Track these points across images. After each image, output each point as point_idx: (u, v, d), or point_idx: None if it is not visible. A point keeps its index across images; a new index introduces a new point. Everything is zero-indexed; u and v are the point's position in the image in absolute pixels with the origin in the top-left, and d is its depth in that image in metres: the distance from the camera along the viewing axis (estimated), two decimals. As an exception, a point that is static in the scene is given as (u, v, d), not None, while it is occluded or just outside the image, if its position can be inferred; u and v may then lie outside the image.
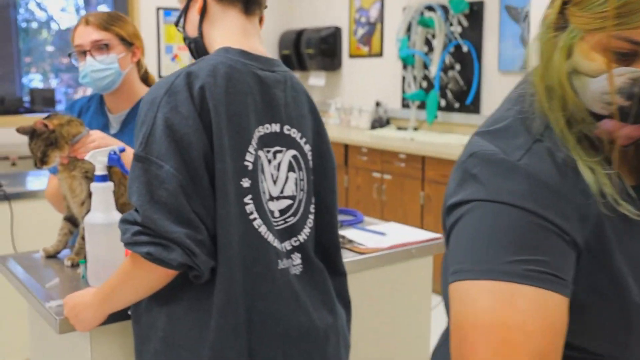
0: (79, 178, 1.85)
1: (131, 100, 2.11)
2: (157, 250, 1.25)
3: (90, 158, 1.65)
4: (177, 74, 1.33)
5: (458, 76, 4.97)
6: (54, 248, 1.94)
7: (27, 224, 2.99)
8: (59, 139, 1.81)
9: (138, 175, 1.27)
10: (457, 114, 5.08)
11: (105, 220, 1.64)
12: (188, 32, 1.51)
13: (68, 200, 1.91)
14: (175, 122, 1.27)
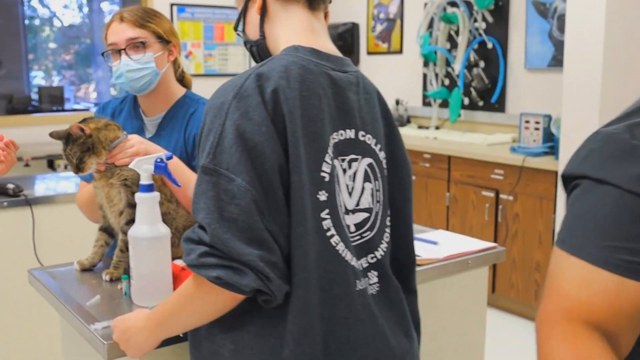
0: (118, 186, 1.72)
1: (168, 102, 1.98)
2: (227, 274, 1.12)
3: (134, 166, 1.53)
4: (246, 76, 1.20)
5: (482, 73, 4.84)
6: (89, 261, 1.81)
7: (49, 231, 2.86)
8: (96, 144, 1.68)
9: (205, 189, 1.14)
10: (481, 113, 4.95)
11: (151, 233, 1.51)
12: (249, 35, 1.39)
13: (105, 209, 1.78)
14: (247, 130, 1.15)
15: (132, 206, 1.71)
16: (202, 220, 1.13)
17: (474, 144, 4.55)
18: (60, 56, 7.73)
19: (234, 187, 1.12)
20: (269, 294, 1.15)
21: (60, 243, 2.87)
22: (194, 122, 1.94)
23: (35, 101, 6.91)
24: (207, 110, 1.21)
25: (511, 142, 4.62)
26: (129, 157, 1.72)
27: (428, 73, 5.25)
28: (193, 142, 1.93)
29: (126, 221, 1.72)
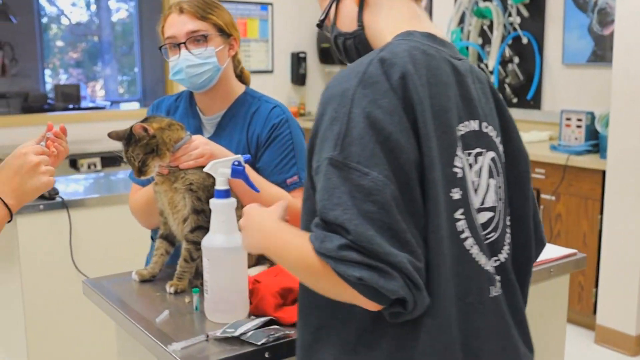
0: (182, 191, 1.59)
1: (227, 99, 1.85)
2: (371, 276, 0.96)
3: (209, 169, 1.40)
4: (367, 62, 1.07)
5: (517, 69, 4.69)
6: (149, 271, 1.68)
7: (87, 236, 2.74)
8: (159, 145, 1.55)
9: (337, 184, 1.00)
10: (516, 110, 4.80)
11: (228, 243, 1.38)
12: (341, 27, 1.25)
13: (166, 216, 1.66)
14: (379, 119, 1.01)
15: (197, 212, 1.58)
16: (340, 217, 0.98)
17: (510, 142, 4.40)
18: (67, 54, 7.63)
19: (368, 182, 0.99)
20: (410, 305, 1.00)
21: (97, 248, 2.75)
22: (257, 121, 1.81)
23: (51, 99, 6.80)
24: (328, 99, 1.07)
25: (548, 140, 4.48)
26: (193, 159, 1.59)
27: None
28: (257, 142, 1.80)
29: (191, 228, 1.60)
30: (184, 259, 1.61)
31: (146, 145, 1.54)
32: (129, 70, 7.42)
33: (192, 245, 1.60)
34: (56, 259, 2.67)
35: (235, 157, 1.40)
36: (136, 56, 6.98)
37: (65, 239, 2.67)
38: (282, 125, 1.80)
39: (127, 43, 7.32)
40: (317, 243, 0.99)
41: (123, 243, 2.78)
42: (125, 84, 7.45)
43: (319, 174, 1.03)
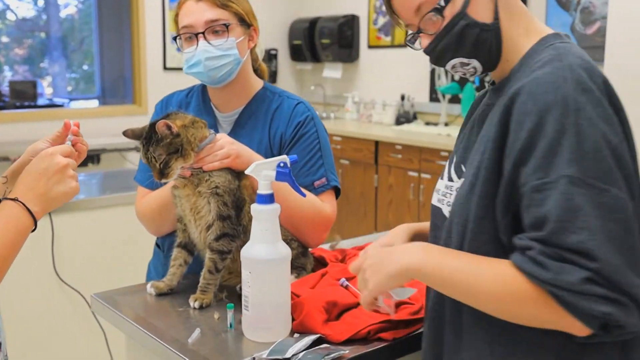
0: (206, 195, 1.44)
1: (246, 95, 1.71)
2: (615, 310, 0.90)
3: (252, 172, 1.25)
4: (567, 67, 0.98)
5: (498, 68, 4.64)
6: (167, 284, 1.53)
7: (70, 242, 2.54)
8: (184, 145, 1.40)
9: (580, 205, 0.92)
10: (495, 109, 4.76)
11: (273, 253, 1.24)
12: (475, 16, 1.09)
13: (187, 222, 1.50)
14: (605, 130, 0.96)
15: (223, 218, 1.44)
16: (585, 242, 0.90)
17: (492, 142, 4.36)
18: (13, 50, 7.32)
19: (609, 199, 0.93)
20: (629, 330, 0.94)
21: (83, 257, 2.56)
22: (280, 118, 1.67)
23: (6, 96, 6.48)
24: (544, 107, 0.96)
25: (529, 139, 4.45)
26: (219, 160, 1.45)
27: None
28: (280, 142, 1.66)
29: (216, 236, 1.45)
30: (209, 270, 1.46)
31: (169, 144, 1.39)
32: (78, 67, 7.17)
33: (217, 254, 1.45)
34: (37, 269, 2.47)
35: (280, 159, 1.26)
36: (95, 52, 6.71)
37: (46, 247, 2.47)
38: (308, 123, 1.66)
39: (77, 40, 7.06)
40: (548, 274, 0.92)
41: (112, 251, 2.60)
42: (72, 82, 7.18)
43: (549, 191, 0.94)
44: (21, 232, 1.06)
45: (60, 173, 1.10)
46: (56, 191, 1.10)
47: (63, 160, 1.11)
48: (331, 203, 1.64)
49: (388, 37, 5.49)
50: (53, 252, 2.48)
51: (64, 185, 1.11)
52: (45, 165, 1.10)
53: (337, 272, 1.50)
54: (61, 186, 1.10)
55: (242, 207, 1.49)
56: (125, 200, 2.67)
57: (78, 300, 2.54)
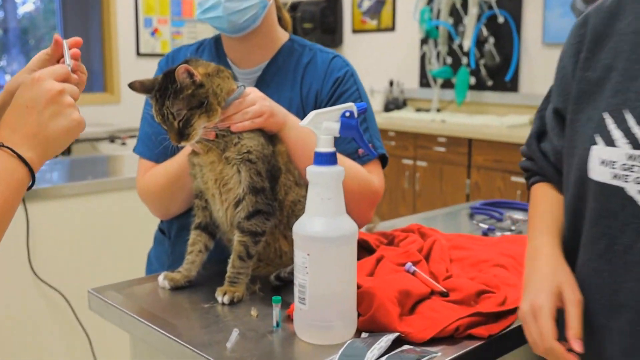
0: (237, 162, 1.15)
1: (270, 47, 1.42)
2: None
3: (309, 123, 0.97)
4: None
5: (494, 50, 4.42)
6: (183, 274, 1.23)
7: (47, 234, 2.21)
8: (210, 98, 1.11)
9: None
10: (490, 93, 4.54)
11: (337, 229, 0.96)
12: None
13: (209, 197, 1.21)
14: None
15: (256, 191, 1.15)
16: None
17: (491, 126, 4.13)
18: None
19: None
20: None
21: (61, 250, 2.23)
22: (313, 74, 1.39)
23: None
24: None
25: (528, 124, 4.23)
26: (250, 119, 1.16)
27: (428, 51, 4.79)
28: (315, 101, 1.37)
29: (247, 214, 1.16)
30: (239, 255, 1.16)
31: (191, 97, 1.10)
32: (37, 65, 6.80)
33: (249, 236, 1.17)
34: (9, 263, 2.14)
35: (346, 107, 0.97)
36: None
37: (21, 239, 2.14)
38: (348, 79, 1.38)
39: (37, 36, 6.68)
40: None
41: (94, 243, 2.28)
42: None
43: None
44: (13, 187, 0.76)
45: (55, 102, 0.80)
46: (54, 127, 0.80)
47: (57, 84, 0.81)
48: (378, 175, 1.36)
49: (374, 21, 5.23)
50: (28, 246, 2.15)
51: (63, 117, 0.80)
52: (32, 94, 0.79)
53: (397, 256, 1.23)
54: (59, 120, 0.80)
55: (278, 177, 1.20)
56: (108, 186, 2.35)
57: (57, 300, 2.22)
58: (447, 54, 4.71)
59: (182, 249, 1.31)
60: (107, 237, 2.33)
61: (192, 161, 1.21)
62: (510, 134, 3.84)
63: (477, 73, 4.55)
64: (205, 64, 1.16)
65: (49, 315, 2.22)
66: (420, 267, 1.18)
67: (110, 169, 2.89)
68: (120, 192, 2.35)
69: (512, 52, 4.34)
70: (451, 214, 1.91)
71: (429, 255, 1.29)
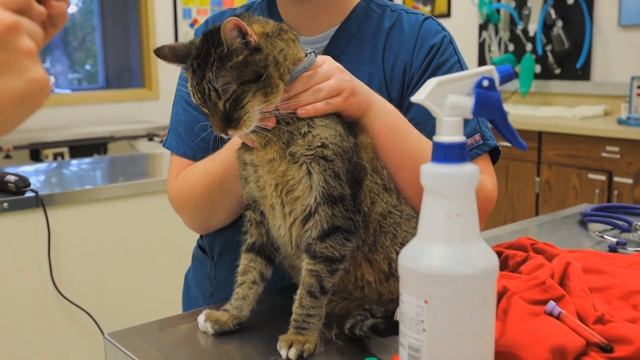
0: (306, 160, 0.82)
1: (340, 9, 1.10)
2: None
3: (427, 98, 0.62)
4: None
5: (563, 34, 4.01)
6: (232, 315, 0.90)
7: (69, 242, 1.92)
8: (270, 68, 0.78)
9: None
10: (558, 82, 4.14)
11: (473, 264, 0.61)
12: None
13: (266, 208, 0.88)
14: None
15: (333, 201, 0.82)
16: None
17: (562, 118, 3.73)
18: None
19: None
20: None
21: (85, 262, 1.94)
22: (399, 41, 1.06)
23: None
24: None
25: (603, 115, 3.82)
26: (323, 99, 0.83)
27: (487, 37, 4.40)
28: (402, 76, 1.04)
29: (320, 232, 0.83)
30: (309, 290, 0.83)
31: (243, 66, 0.77)
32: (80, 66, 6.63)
33: (323, 264, 0.84)
34: (28, 277, 1.85)
35: (483, 71, 0.63)
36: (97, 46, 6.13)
37: (41, 250, 1.85)
38: (446, 48, 1.05)
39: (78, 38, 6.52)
40: None
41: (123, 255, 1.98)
42: (75, 82, 6.63)
43: None
44: None
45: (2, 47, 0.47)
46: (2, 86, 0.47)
47: (5, 15, 0.48)
48: (490, 173, 1.03)
49: (427, 7, 4.86)
50: (50, 259, 1.86)
51: (15, 74, 0.48)
52: None
53: (528, 290, 0.88)
54: (8, 78, 0.48)
55: (362, 181, 0.87)
56: (141, 189, 2.05)
57: (83, 319, 1.92)
58: (509, 40, 4.33)
59: (228, 272, 1.00)
60: (140, 248, 2.03)
61: (242, 159, 0.88)
62: (583, 126, 3.45)
63: (544, 60, 4.15)
64: (262, 20, 0.84)
65: (75, 336, 1.93)
66: (564, 305, 0.84)
67: (149, 169, 2.60)
68: (154, 196, 2.04)
69: (583, 36, 3.93)
70: (554, 222, 1.55)
71: (564, 284, 0.95)
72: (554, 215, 1.60)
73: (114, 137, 4.01)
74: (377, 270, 0.90)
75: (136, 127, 4.15)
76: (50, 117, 4.21)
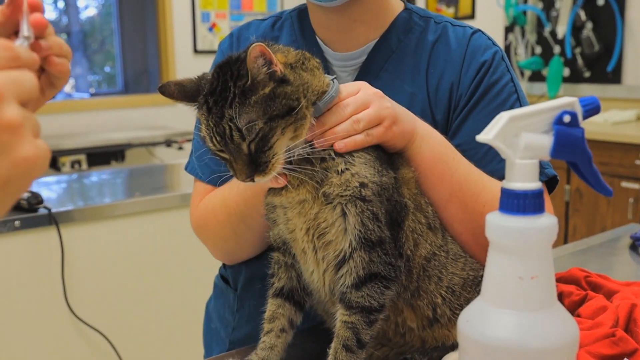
0: (341, 202, 0.72)
1: (379, 22, 1.00)
2: None
3: (497, 137, 0.52)
4: None
5: (593, 37, 3.87)
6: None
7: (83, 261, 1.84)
8: (300, 101, 0.69)
9: None
10: (588, 86, 4.00)
11: (551, 336, 0.51)
12: None
13: (297, 251, 0.79)
14: None
15: (371, 246, 0.73)
16: None
17: (593, 123, 3.59)
18: None
19: None
20: None
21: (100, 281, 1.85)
22: (443, 58, 0.96)
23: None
24: None
25: (635, 120, 3.68)
26: (362, 130, 0.74)
27: (514, 40, 4.28)
28: (449, 97, 0.94)
29: (356, 280, 0.74)
30: (344, 344, 0.74)
31: (270, 99, 0.68)
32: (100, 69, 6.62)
33: (359, 315, 0.74)
34: (41, 297, 1.77)
35: (565, 104, 0.52)
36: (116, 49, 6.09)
37: (54, 269, 1.77)
38: (498, 65, 0.95)
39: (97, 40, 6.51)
40: None
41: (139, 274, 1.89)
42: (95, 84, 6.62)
43: None
44: None
45: None
46: None
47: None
48: (548, 207, 0.92)
49: (451, 9, 4.75)
50: (63, 279, 1.78)
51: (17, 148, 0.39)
52: None
53: (594, 342, 0.77)
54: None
55: (403, 221, 0.77)
56: (161, 204, 1.96)
57: (99, 341, 1.84)
58: (537, 43, 4.20)
59: (253, 306, 0.91)
60: (157, 268, 1.95)
61: (269, 201, 0.78)
62: (616, 132, 3.32)
63: (573, 63, 4.02)
64: (284, 49, 0.74)
65: (89, 359, 1.85)
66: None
67: (168, 182, 2.51)
68: (173, 212, 1.96)
69: (614, 38, 3.80)
70: (602, 246, 1.43)
71: (629, 329, 0.84)
72: (601, 237, 1.49)
73: (132, 144, 3.94)
74: (420, 316, 0.80)
75: (154, 133, 4.08)
76: (67, 124, 4.15)
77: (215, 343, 1.16)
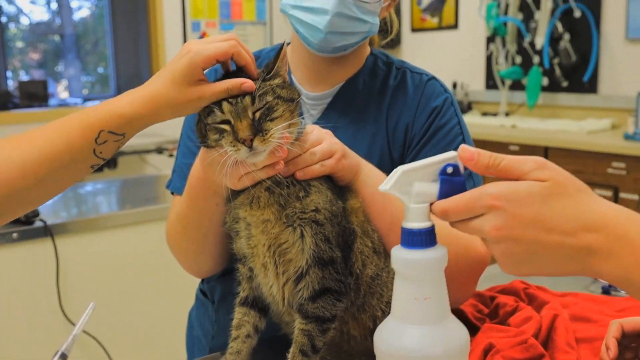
0: (300, 224, 0.86)
1: (350, 68, 1.13)
2: None
3: (394, 185, 0.66)
4: None
5: (570, 48, 4.02)
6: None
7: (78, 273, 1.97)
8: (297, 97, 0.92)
9: None
10: (566, 95, 4.15)
11: (443, 343, 0.65)
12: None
13: (256, 265, 0.92)
14: None
15: (323, 264, 0.87)
16: None
17: (569, 132, 3.73)
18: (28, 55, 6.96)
19: None
20: None
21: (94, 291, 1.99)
22: (401, 102, 1.10)
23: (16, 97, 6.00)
24: None
25: (610, 128, 3.83)
26: (319, 161, 0.87)
27: (495, 50, 4.42)
28: (404, 137, 1.08)
29: (312, 293, 0.87)
30: (301, 350, 0.87)
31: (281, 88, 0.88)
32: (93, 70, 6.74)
33: (314, 323, 0.87)
34: (37, 307, 1.90)
35: (447, 158, 0.66)
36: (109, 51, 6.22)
37: (49, 279, 1.90)
38: (447, 109, 1.09)
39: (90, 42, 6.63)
40: None
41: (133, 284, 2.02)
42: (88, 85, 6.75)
43: None
44: None
45: None
46: None
47: None
48: None
49: (435, 19, 4.88)
50: (58, 287, 1.91)
51: None
52: None
53: (512, 348, 0.91)
54: None
55: (351, 244, 0.91)
56: (152, 215, 2.09)
57: (93, 347, 1.97)
58: (517, 53, 4.34)
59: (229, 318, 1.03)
60: (149, 277, 2.08)
61: (236, 213, 0.91)
62: (591, 141, 3.46)
63: (551, 73, 4.16)
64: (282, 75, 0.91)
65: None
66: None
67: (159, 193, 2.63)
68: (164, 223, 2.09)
69: (590, 49, 3.94)
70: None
71: (551, 337, 0.98)
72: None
73: (124, 152, 4.07)
74: (363, 326, 0.94)
75: (145, 141, 4.19)
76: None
77: (197, 349, 1.28)
